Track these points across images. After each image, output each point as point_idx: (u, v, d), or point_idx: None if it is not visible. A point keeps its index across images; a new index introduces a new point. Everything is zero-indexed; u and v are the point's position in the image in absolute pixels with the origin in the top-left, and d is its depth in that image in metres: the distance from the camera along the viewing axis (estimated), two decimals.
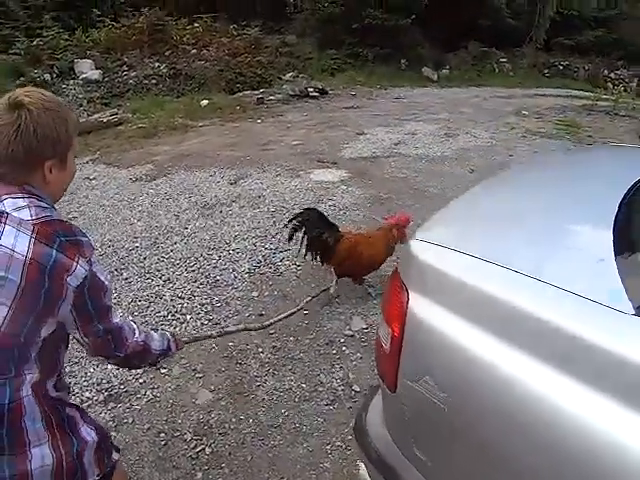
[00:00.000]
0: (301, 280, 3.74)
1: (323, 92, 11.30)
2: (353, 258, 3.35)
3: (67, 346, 1.42)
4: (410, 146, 6.99)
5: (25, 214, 1.24)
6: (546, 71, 15.89)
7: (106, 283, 1.36)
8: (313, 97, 11.01)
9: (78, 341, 1.39)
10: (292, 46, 13.81)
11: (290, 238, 3.45)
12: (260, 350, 3.05)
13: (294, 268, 3.89)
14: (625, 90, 13.30)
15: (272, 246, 4.19)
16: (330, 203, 4.99)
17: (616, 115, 11.35)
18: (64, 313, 1.28)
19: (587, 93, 13.54)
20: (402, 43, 13.54)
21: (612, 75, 17.61)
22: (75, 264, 1.25)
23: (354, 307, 3.44)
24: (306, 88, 11.15)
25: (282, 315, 2.97)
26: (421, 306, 1.35)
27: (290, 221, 3.46)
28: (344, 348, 3.06)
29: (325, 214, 3.59)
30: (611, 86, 15.09)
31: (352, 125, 8.29)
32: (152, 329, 1.86)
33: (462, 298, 1.28)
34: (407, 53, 13.79)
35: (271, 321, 2.84)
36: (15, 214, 1.23)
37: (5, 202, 1.24)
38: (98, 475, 1.40)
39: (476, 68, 14.92)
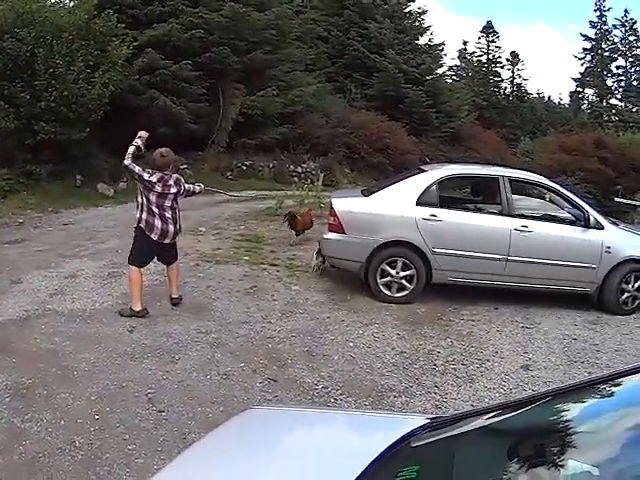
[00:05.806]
0: None
1: None
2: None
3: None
4: (67, 297, 6.38)
5: (174, 177, 6.10)
6: (229, 173, 16.40)
7: (182, 180, 6.27)
8: None
9: (182, 196, 6.22)
10: None
11: None
12: None
13: None
14: (312, 182, 13.72)
15: None
16: None
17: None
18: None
19: (273, 192, 13.89)
20: (77, 158, 12.93)
21: (299, 169, 18.90)
22: (180, 183, 6.16)
23: None
24: None
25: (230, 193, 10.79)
26: None
27: None
28: None
29: None
30: (297, 181, 15.62)
31: (10, 269, 7.33)
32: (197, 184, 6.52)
33: None
34: (83, 168, 13.19)
35: (232, 193, 11.48)
36: (174, 178, 6.11)
37: (172, 176, 6.11)
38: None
39: None
